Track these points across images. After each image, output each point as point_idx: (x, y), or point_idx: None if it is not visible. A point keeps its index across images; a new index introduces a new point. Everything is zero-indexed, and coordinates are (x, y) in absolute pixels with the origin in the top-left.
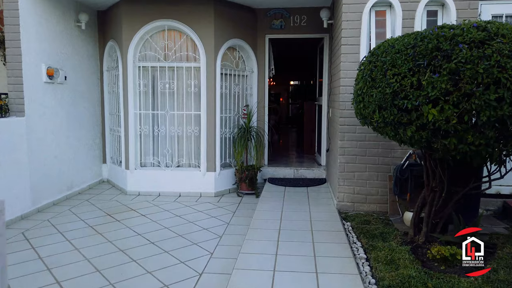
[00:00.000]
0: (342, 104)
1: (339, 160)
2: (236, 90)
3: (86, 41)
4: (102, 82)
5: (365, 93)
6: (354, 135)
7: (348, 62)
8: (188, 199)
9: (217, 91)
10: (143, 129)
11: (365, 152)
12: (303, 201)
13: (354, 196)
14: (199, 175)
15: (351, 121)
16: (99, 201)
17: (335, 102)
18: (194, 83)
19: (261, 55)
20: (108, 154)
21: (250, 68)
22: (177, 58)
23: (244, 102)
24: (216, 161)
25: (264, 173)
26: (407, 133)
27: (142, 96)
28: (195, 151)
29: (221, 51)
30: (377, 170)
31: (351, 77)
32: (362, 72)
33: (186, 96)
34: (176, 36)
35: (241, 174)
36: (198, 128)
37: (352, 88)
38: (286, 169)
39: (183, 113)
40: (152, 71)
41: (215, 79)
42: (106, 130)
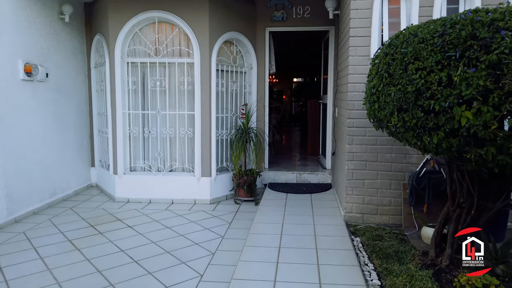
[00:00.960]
0: (350, 103)
1: (347, 166)
2: (233, 87)
3: (71, 35)
4: (89, 79)
5: (380, 91)
6: (364, 138)
7: (357, 56)
8: (181, 207)
9: (213, 89)
10: (132, 131)
11: (376, 158)
12: (307, 211)
13: (364, 207)
14: (193, 181)
15: (360, 123)
16: (84, 210)
17: (342, 101)
18: (187, 81)
19: (261, 49)
20: (97, 157)
21: (249, 64)
22: (168, 53)
23: (243, 100)
24: (211, 165)
25: (264, 178)
26: (433, 140)
27: (131, 94)
28: (189, 155)
29: (216, 45)
30: (390, 178)
31: (361, 73)
32: (376, 67)
33: (179, 94)
34: (168, 29)
35: (239, 179)
36: (192, 130)
37: (363, 86)
38: (288, 173)
39: (175, 113)
40: (142, 68)
41: (210, 76)
42: (94, 131)
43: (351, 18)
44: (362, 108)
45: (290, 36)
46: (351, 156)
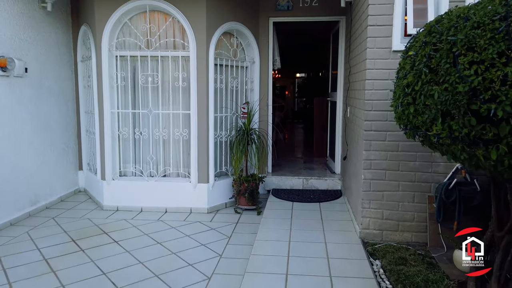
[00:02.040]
0: (368, 103)
1: (364, 176)
2: (233, 84)
3: (54, 26)
4: (76, 74)
5: (418, 91)
6: (383, 143)
7: (376, 49)
8: (175, 217)
9: (210, 86)
10: (121, 132)
11: (397, 166)
12: (316, 224)
13: (383, 222)
14: (188, 187)
15: (380, 126)
16: (68, 220)
17: (357, 101)
18: (182, 76)
19: (264, 42)
20: (85, 160)
21: (250, 58)
22: (161, 46)
23: (244, 98)
24: (209, 170)
25: (268, 183)
26: (492, 156)
27: (120, 91)
28: (184, 159)
29: (215, 37)
30: (413, 189)
31: (381, 68)
32: (411, 60)
33: (173, 91)
34: (161, 19)
35: (239, 186)
36: (187, 131)
37: (384, 83)
38: (293, 178)
39: (169, 113)
40: (132, 62)
41: (208, 71)
42: (82, 132)
43: (370, 4)
44: (382, 109)
45: (295, 27)
46: (368, 164)
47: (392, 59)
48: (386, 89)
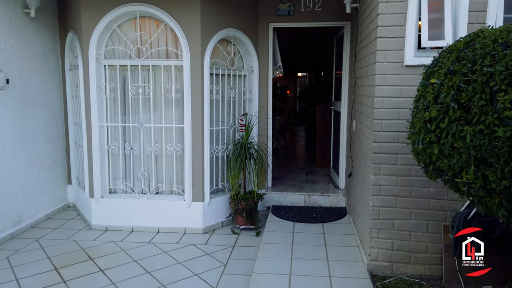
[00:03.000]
0: (377, 123)
1: (372, 203)
2: (231, 95)
3: (39, 33)
4: (64, 83)
5: (444, 129)
6: (394, 167)
7: (387, 63)
8: (168, 238)
9: (206, 97)
10: (111, 146)
11: (409, 192)
12: (320, 252)
13: (394, 254)
14: (182, 206)
15: (390, 148)
16: (52, 242)
17: (365, 117)
18: (175, 87)
19: (264, 49)
20: (74, 174)
21: (249, 66)
22: (153, 55)
23: (241, 110)
24: (204, 187)
25: (267, 200)
26: None
27: (109, 103)
28: (178, 175)
29: (210, 45)
30: (427, 218)
31: (392, 85)
32: (434, 90)
33: (166, 104)
34: (152, 26)
35: (237, 205)
36: (181, 146)
37: (396, 101)
38: (295, 194)
39: (161, 126)
40: (122, 72)
41: (203, 82)
42: (70, 144)
43: (379, 13)
44: (393, 129)
45: (296, 32)
46: (377, 190)
47: (404, 75)
48: (398, 108)
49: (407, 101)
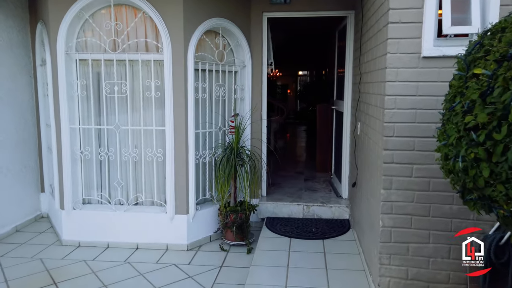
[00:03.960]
0: (388, 127)
1: (382, 223)
2: (219, 93)
3: (6, 24)
4: (36, 81)
5: (500, 142)
6: (409, 180)
7: (400, 54)
8: (147, 257)
9: (190, 96)
10: (84, 152)
11: (427, 210)
12: (320, 278)
13: (408, 284)
14: (164, 219)
15: (404, 157)
16: (15, 261)
17: (372, 120)
18: (155, 84)
19: (257, 41)
20: (47, 181)
21: (240, 61)
22: (131, 48)
23: (232, 110)
24: (189, 198)
25: (262, 210)
26: None
27: (81, 103)
28: (159, 184)
29: (195, 36)
30: (450, 242)
31: (407, 80)
32: (481, 84)
33: (145, 103)
34: (129, 15)
35: (226, 218)
36: (162, 151)
37: (412, 100)
38: (292, 205)
39: (140, 129)
40: (96, 67)
41: (186, 78)
42: (43, 147)
43: None
44: (407, 134)
45: (293, 23)
46: (388, 207)
47: (421, 68)
48: (413, 109)
49: (425, 100)
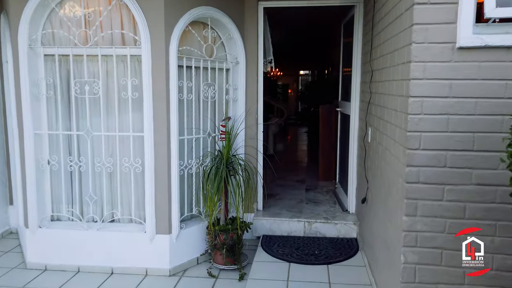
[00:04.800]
0: (413, 137)
1: (404, 258)
2: (209, 93)
3: None
4: (3, 80)
5: None
6: (439, 205)
7: (429, 45)
8: (123, 284)
9: (172, 97)
10: (51, 161)
11: None
12: None
13: None
14: (143, 240)
15: (434, 175)
16: None
17: (388, 126)
18: (132, 84)
19: (252, 35)
20: (15, 194)
21: (233, 57)
22: (105, 41)
23: (223, 113)
24: (171, 215)
25: (257, 227)
26: None
27: (47, 105)
28: (138, 198)
29: (178, 28)
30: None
31: (437, 78)
32: None
33: (120, 105)
34: (102, 2)
35: (214, 239)
36: (140, 160)
37: (441, 103)
38: (292, 221)
39: (115, 135)
40: (64, 63)
41: (168, 76)
42: (10, 156)
43: None
44: (438, 147)
45: (294, 20)
46: (412, 238)
47: (456, 62)
48: (446, 114)
49: (460, 103)
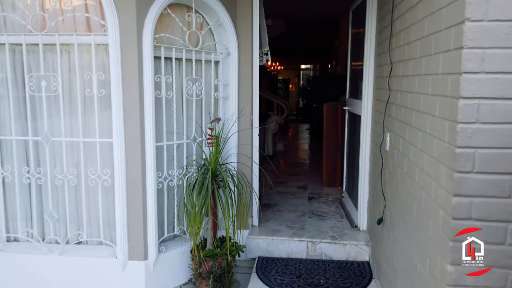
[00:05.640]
0: (463, 155)
1: None
2: (194, 90)
3: None
4: None
5: None
6: (501, 251)
7: (489, 23)
8: None
9: (147, 94)
10: (4, 172)
11: None
12: None
13: None
14: (114, 267)
15: (495, 209)
16: None
17: (419, 135)
18: (98, 79)
19: (246, 21)
20: None
21: (223, 47)
22: (66, 26)
23: (211, 113)
24: (147, 237)
25: (252, 248)
26: None
27: None
28: (108, 216)
29: (154, 10)
30: None
31: (501, 72)
32: None
33: (85, 105)
34: None
35: (199, 266)
36: (109, 172)
37: (509, 107)
38: (292, 241)
39: (78, 141)
40: (16, 54)
41: (142, 69)
42: None
43: None
44: (501, 170)
45: (295, 8)
46: None
47: None
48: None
49: None
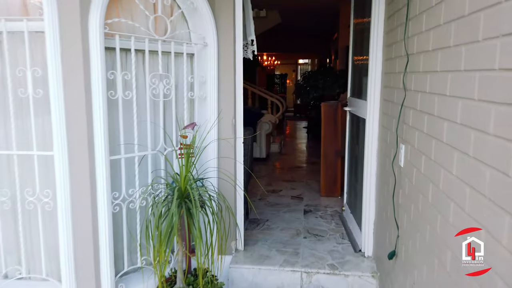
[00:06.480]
0: None
1: None
2: (160, 89)
3: None
4: None
5: None
6: None
7: None
8: None
9: (97, 95)
10: None
11: None
12: None
13: None
14: None
15: None
16: None
17: (455, 155)
18: (33, 76)
19: (226, 5)
20: None
21: (199, 37)
22: None
23: (185, 117)
24: (100, 272)
25: (235, 279)
26: None
27: None
28: (53, 247)
29: None
30: None
31: None
32: None
33: (18, 110)
34: None
35: None
36: (51, 192)
37: None
38: (284, 271)
39: (11, 154)
40: None
41: (89, 64)
42: None
43: None
44: None
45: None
46: None
47: None
48: None
49: None
